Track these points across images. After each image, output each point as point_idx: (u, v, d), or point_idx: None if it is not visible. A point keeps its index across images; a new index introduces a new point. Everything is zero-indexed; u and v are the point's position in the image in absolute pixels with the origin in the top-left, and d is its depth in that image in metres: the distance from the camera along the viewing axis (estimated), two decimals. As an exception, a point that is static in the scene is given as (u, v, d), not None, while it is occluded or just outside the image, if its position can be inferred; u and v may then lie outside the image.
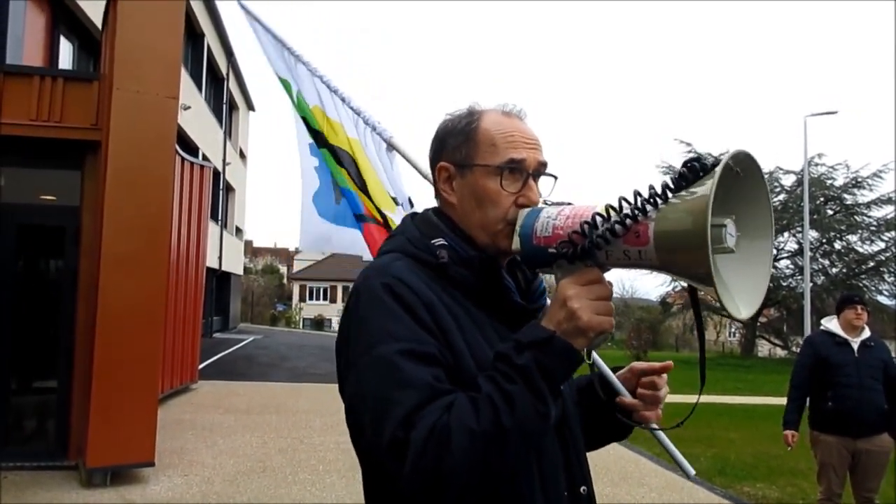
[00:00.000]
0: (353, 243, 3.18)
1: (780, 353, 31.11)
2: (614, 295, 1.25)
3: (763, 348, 33.37)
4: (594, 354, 1.29)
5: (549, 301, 1.43)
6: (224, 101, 26.23)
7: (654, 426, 1.42)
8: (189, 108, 17.51)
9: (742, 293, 1.07)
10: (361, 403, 1.12)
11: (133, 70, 6.11)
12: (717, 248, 0.99)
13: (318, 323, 48.51)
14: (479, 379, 1.10)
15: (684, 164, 1.04)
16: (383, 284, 1.17)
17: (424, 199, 3.01)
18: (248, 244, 52.60)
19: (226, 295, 28.93)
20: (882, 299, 27.30)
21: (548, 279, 1.38)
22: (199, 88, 21.37)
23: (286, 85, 3.27)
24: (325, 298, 54.72)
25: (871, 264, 27.83)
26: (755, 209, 1.08)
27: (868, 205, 27.80)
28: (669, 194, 1.04)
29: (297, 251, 71.60)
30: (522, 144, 1.28)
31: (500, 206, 1.26)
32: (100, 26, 8.40)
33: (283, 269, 71.39)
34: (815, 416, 4.88)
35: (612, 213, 1.08)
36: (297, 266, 61.88)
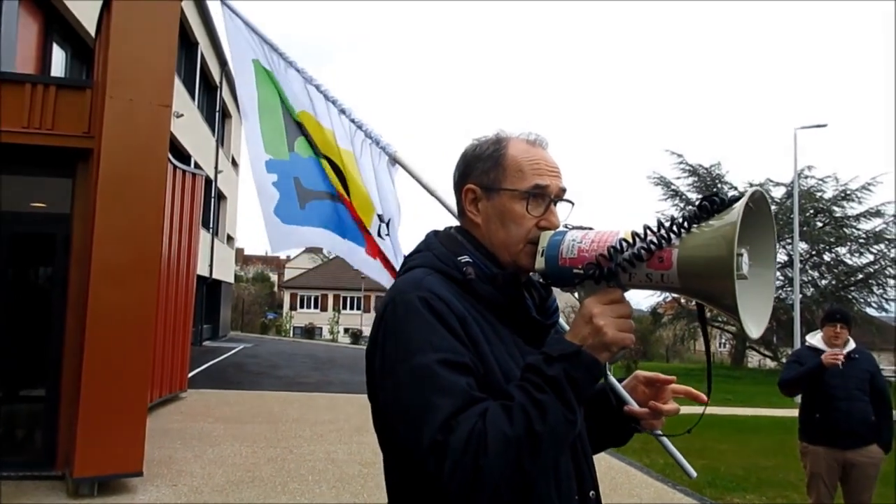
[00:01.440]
0: (324, 239, 3.12)
1: (770, 364, 31.21)
2: None
3: (753, 359, 33.48)
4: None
5: (560, 318, 1.56)
6: (217, 109, 26.21)
7: (660, 433, 1.55)
8: (182, 115, 17.47)
9: (751, 314, 1.17)
10: (400, 409, 1.19)
11: (126, 78, 6.10)
12: (736, 274, 1.09)
13: (309, 331, 48.33)
14: (510, 388, 1.19)
15: (705, 198, 1.15)
16: (420, 298, 1.24)
17: (423, 214, 3.02)
18: (239, 252, 52.46)
19: (216, 303, 28.80)
20: (871, 311, 27.49)
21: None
22: (193, 96, 21.34)
23: (267, 75, 3.13)
24: (316, 307, 54.55)
25: (860, 276, 28.02)
26: (762, 239, 1.21)
27: (857, 217, 28.02)
28: (693, 224, 1.14)
29: (288, 259, 71.60)
30: (547, 172, 1.39)
31: (524, 228, 1.36)
32: (93, 34, 8.39)
33: (274, 278, 71.27)
34: (804, 428, 4.91)
35: (637, 239, 1.18)
36: (288, 274, 61.76)
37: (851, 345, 4.83)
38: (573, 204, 1.43)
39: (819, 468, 4.77)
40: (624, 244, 1.19)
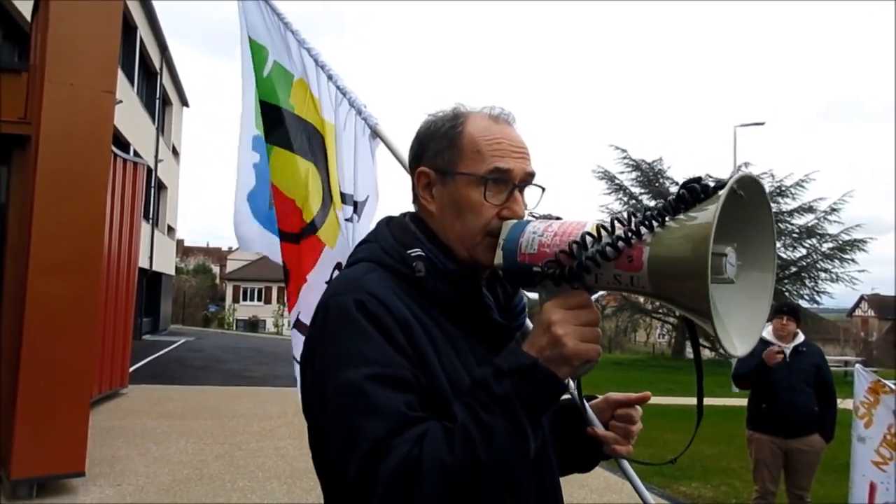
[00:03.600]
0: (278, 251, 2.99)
1: (708, 354, 32.11)
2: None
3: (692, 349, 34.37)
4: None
5: (528, 321, 1.37)
6: (157, 96, 25.45)
7: (625, 458, 1.39)
8: (121, 102, 16.87)
9: (737, 325, 1.00)
10: (328, 430, 1.06)
11: (66, 62, 5.83)
12: (716, 278, 0.93)
13: (253, 324, 47.54)
14: (454, 406, 1.03)
15: (683, 185, 0.97)
16: (356, 301, 1.10)
17: (403, 194, 2.85)
18: (179, 243, 51.17)
19: (156, 296, 28.02)
20: (803, 303, 28.53)
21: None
22: (132, 83, 20.67)
23: (258, 52, 2.97)
24: (259, 299, 53.66)
25: (794, 270, 29.08)
26: (757, 237, 1.02)
27: (791, 213, 28.99)
28: (667, 217, 0.96)
29: (230, 251, 70.13)
30: (510, 153, 1.21)
31: (482, 218, 1.19)
32: (28, 16, 8.00)
33: (216, 270, 69.73)
34: (750, 417, 5.09)
35: (604, 233, 1.02)
36: (231, 266, 60.52)
37: (801, 338, 5.03)
38: (543, 189, 1.25)
39: (763, 455, 4.98)
40: (588, 239, 1.02)
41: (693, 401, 1.19)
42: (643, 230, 0.97)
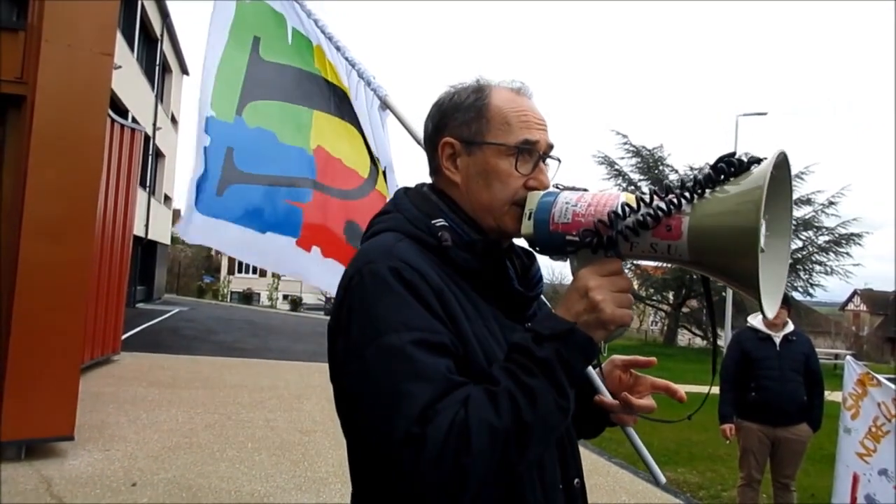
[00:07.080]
0: (232, 242, 2.73)
1: (700, 342, 32.25)
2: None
3: (683, 337, 34.53)
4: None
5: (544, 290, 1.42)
6: (157, 63, 25.23)
7: (631, 428, 1.44)
8: (120, 67, 16.71)
9: (766, 290, 1.04)
10: (368, 396, 1.05)
11: (65, 22, 5.76)
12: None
13: (247, 297, 47.52)
14: (494, 371, 1.06)
15: (720, 160, 1.02)
16: (391, 269, 1.10)
17: (407, 166, 2.81)
18: (176, 213, 50.90)
19: (151, 264, 28.05)
20: (796, 295, 28.58)
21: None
22: (132, 48, 20.47)
23: (279, 22, 2.82)
24: (254, 272, 53.56)
25: (789, 261, 29.09)
26: (780, 208, 1.09)
27: (789, 205, 28.98)
28: (707, 189, 1.02)
29: (227, 223, 69.83)
30: (535, 125, 1.25)
31: (510, 188, 1.22)
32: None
33: (212, 241, 69.58)
34: (739, 405, 5.09)
35: (642, 204, 1.06)
36: (227, 238, 60.33)
37: (790, 326, 5.02)
38: (560, 161, 1.29)
39: (751, 443, 4.99)
40: (627, 209, 1.06)
41: (687, 387, 1.25)
42: (683, 201, 1.02)
